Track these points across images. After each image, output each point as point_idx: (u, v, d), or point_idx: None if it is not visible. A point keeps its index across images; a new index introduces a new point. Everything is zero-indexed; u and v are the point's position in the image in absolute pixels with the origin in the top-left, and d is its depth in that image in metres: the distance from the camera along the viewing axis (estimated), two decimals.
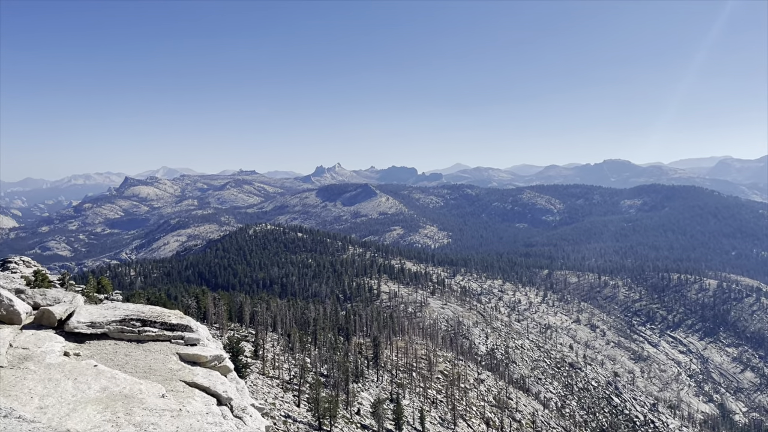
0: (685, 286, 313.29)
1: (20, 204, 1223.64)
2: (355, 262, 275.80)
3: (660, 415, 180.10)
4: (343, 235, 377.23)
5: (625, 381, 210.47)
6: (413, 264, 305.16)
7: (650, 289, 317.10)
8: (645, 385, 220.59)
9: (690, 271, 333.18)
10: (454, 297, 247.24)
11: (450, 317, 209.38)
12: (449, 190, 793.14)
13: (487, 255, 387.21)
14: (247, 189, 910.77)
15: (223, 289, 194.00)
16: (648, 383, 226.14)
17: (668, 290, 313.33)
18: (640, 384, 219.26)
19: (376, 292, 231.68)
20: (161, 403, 13.31)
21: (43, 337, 16.17)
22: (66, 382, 13.24)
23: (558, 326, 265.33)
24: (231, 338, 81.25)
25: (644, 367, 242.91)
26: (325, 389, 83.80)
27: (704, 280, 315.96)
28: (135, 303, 25.21)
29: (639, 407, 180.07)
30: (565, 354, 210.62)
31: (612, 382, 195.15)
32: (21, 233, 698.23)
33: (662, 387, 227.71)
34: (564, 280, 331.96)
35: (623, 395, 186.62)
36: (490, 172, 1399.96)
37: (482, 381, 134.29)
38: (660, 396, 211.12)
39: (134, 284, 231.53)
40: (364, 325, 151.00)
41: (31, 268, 58.86)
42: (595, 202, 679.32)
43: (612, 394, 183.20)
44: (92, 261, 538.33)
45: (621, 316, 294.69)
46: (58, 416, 11.66)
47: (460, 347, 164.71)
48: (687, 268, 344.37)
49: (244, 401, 17.49)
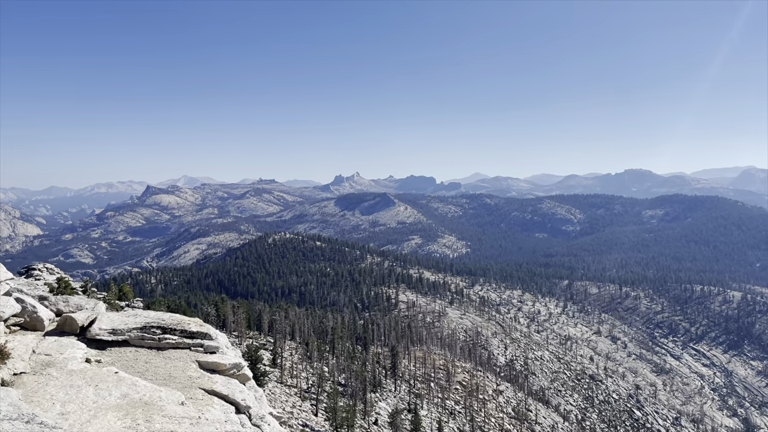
0: (709, 298, 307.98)
1: (44, 212, 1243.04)
2: (373, 272, 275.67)
3: (683, 429, 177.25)
4: (361, 245, 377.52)
5: (647, 394, 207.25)
6: (431, 273, 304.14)
7: (672, 301, 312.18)
8: (667, 399, 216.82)
9: (713, 283, 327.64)
10: (472, 307, 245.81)
11: (469, 327, 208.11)
12: (468, 200, 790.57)
13: (506, 265, 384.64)
14: (267, 198, 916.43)
15: (242, 297, 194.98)
16: (670, 396, 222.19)
17: (691, 302, 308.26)
18: (663, 397, 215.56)
19: (394, 301, 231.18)
20: (181, 410, 13.37)
21: (65, 343, 16.35)
22: (87, 389, 13.36)
23: (578, 338, 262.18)
24: (249, 346, 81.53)
25: (666, 380, 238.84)
26: (342, 398, 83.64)
27: (728, 292, 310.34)
28: (155, 310, 25.40)
29: (661, 421, 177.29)
30: (586, 366, 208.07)
31: (633, 395, 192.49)
32: (45, 241, 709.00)
33: (685, 400, 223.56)
34: (584, 290, 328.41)
35: (645, 408, 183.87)
36: (510, 181, 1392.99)
37: (501, 392, 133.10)
38: (683, 410, 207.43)
39: (155, 292, 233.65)
40: (382, 334, 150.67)
41: (54, 275, 59.66)
42: (616, 212, 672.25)
43: (634, 407, 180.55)
44: (114, 268, 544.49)
45: (643, 328, 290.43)
46: (79, 422, 11.76)
47: (478, 358, 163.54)
48: (710, 279, 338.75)
49: (262, 410, 17.51)
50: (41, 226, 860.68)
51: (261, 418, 16.69)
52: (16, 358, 14.06)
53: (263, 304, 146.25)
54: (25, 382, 13.25)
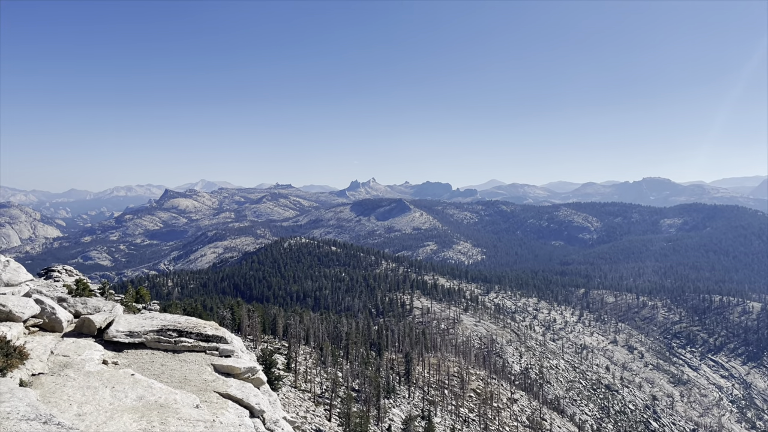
0: (728, 309, 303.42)
1: (64, 214, 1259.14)
2: (388, 277, 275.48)
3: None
4: (376, 250, 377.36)
5: (663, 405, 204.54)
6: (446, 280, 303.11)
7: (690, 311, 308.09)
8: (685, 410, 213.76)
9: (733, 293, 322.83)
10: (487, 314, 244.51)
11: (483, 335, 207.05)
12: (484, 207, 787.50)
13: (522, 272, 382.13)
14: (283, 203, 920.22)
15: (258, 301, 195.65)
16: (688, 408, 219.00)
17: (709, 312, 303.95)
18: (680, 408, 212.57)
19: (408, 307, 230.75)
20: (195, 413, 13.45)
21: (83, 345, 16.54)
22: (104, 390, 13.49)
23: (594, 347, 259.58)
24: (264, 350, 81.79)
25: (684, 391, 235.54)
26: (356, 404, 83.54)
27: (747, 303, 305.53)
28: (172, 313, 25.60)
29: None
30: (602, 375, 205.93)
31: (650, 406, 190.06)
32: (65, 243, 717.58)
33: (703, 412, 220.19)
34: (601, 299, 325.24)
35: (662, 419, 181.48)
36: (526, 188, 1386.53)
37: (515, 401, 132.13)
38: (700, 421, 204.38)
39: (172, 294, 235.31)
40: (396, 340, 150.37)
41: (73, 276, 60.25)
42: (633, 220, 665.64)
43: (650, 418, 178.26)
44: (132, 271, 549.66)
45: (660, 338, 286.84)
46: (95, 424, 11.87)
47: (493, 365, 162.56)
48: (729, 289, 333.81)
49: (276, 414, 17.55)
50: (61, 228, 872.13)
51: (275, 423, 16.73)
52: (34, 359, 14.25)
53: (278, 309, 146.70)
54: (43, 383, 13.41)
